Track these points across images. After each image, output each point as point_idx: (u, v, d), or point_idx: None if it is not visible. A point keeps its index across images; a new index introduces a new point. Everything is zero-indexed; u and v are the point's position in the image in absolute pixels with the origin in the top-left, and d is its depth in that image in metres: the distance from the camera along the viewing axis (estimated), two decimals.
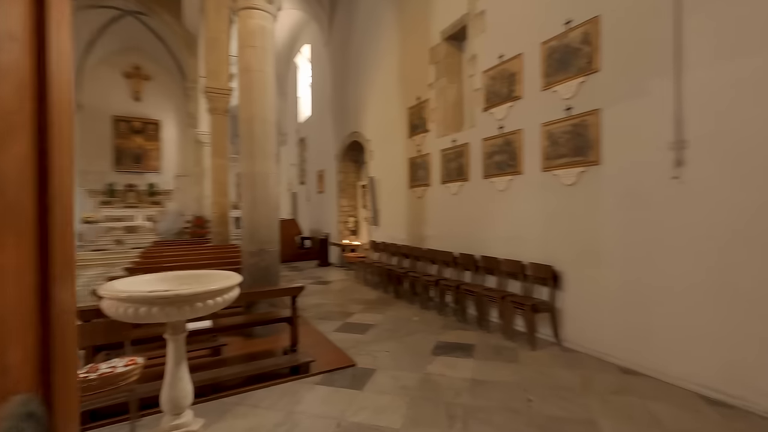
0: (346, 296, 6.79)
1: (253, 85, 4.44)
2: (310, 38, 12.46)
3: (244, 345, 4.24)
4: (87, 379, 2.35)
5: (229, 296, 2.02)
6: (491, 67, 5.23)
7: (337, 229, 10.35)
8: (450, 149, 6.07)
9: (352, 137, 9.50)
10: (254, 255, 4.48)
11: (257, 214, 4.49)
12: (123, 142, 18.16)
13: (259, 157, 4.47)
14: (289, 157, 15.31)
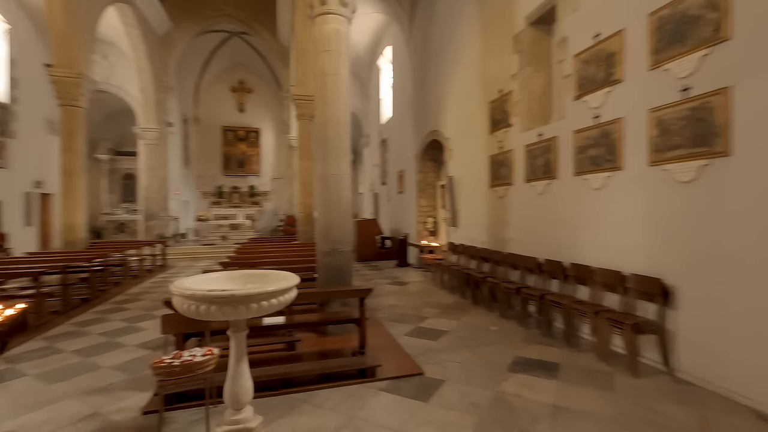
0: (422, 299, 6.63)
1: (328, 89, 4.54)
2: (392, 39, 12.55)
3: (317, 342, 4.35)
4: (171, 365, 2.58)
5: (285, 298, 2.02)
6: (585, 49, 4.60)
7: (416, 230, 10.23)
8: (536, 144, 5.52)
9: (432, 136, 9.30)
10: (327, 255, 4.59)
11: (331, 215, 4.58)
12: (230, 149, 20.48)
13: (333, 159, 4.56)
14: (372, 158, 15.66)
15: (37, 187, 12.09)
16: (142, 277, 9.01)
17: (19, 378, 3.57)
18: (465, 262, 7.40)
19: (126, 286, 7.86)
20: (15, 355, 4.14)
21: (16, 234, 10.77)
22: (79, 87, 8.78)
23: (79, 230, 8.89)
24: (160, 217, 14.30)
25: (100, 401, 3.09)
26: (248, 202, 18.37)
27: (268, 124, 21.08)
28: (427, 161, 10.00)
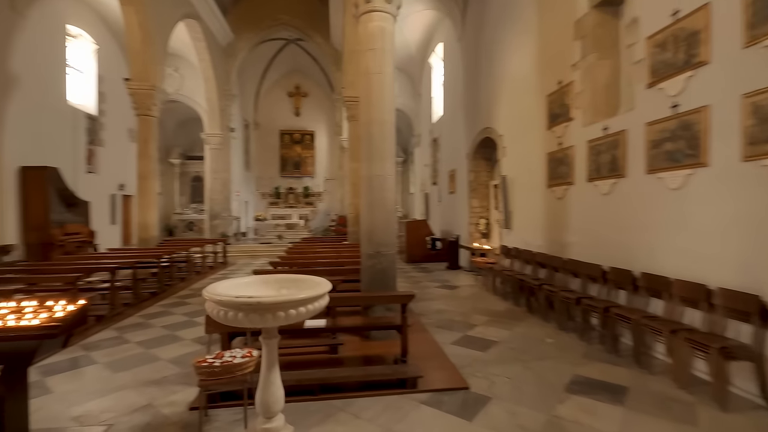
0: (472, 305, 6.32)
1: (372, 88, 4.45)
2: (444, 36, 12.24)
3: (360, 346, 4.28)
4: (212, 365, 2.63)
5: (314, 306, 1.94)
6: (660, 29, 4.05)
7: (468, 232, 9.86)
8: (600, 139, 4.99)
9: (484, 134, 8.88)
10: (371, 257, 4.50)
11: (374, 216, 4.49)
12: (286, 152, 21.36)
13: (377, 159, 4.46)
14: (423, 158, 15.43)
15: (120, 190, 13.48)
16: (205, 273, 9.63)
17: (91, 365, 3.91)
18: (519, 267, 6.95)
19: (190, 282, 8.44)
20: (91, 343, 4.57)
21: (102, 231, 12.07)
22: (152, 98, 9.59)
23: (151, 228, 9.72)
24: (222, 217, 15.28)
25: (155, 393, 3.27)
26: (303, 203, 19.02)
27: (322, 126, 21.68)
28: (479, 160, 9.59)
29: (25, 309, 2.46)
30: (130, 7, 8.98)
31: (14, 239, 9.20)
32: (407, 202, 20.50)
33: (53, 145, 10.37)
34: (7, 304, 2.50)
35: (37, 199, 9.47)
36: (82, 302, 2.57)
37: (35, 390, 3.32)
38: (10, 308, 2.47)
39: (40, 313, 2.42)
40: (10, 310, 2.45)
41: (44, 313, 2.42)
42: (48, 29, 10.32)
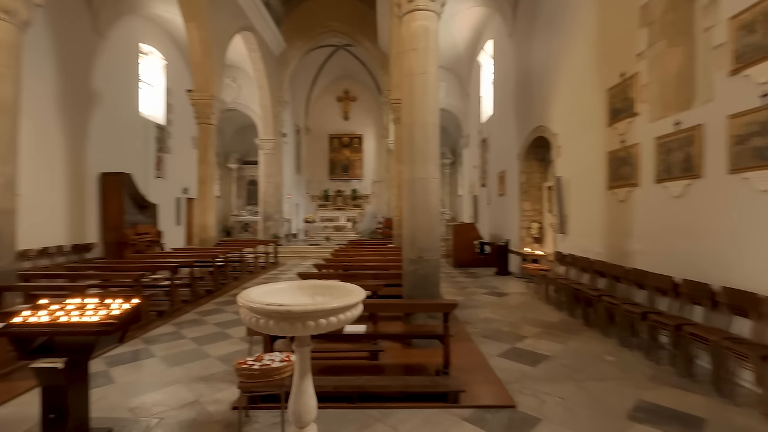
0: (522, 314, 5.96)
1: (415, 89, 4.35)
2: (493, 33, 11.80)
3: (402, 354, 4.17)
4: (251, 367, 2.67)
5: (346, 316, 1.87)
6: (746, 8, 3.52)
7: (519, 236, 9.38)
8: (671, 135, 4.47)
9: (537, 132, 8.40)
10: (413, 262, 4.38)
11: (417, 220, 4.37)
12: (335, 155, 21.84)
13: (420, 162, 4.34)
14: (472, 159, 15.00)
15: (184, 193, 14.54)
16: (257, 272, 10.06)
17: (149, 358, 4.19)
18: (575, 275, 6.45)
19: (242, 281, 8.85)
20: (152, 337, 4.91)
21: (168, 232, 13.08)
22: (211, 107, 10.23)
23: (210, 230, 10.35)
24: (275, 219, 15.93)
25: (202, 390, 3.40)
26: (351, 205, 19.31)
27: (370, 129, 21.92)
28: (531, 160, 9.09)
29: (88, 306, 2.67)
30: (192, 23, 9.65)
31: (95, 238, 10.23)
32: (455, 204, 20.07)
33: (127, 153, 11.42)
34: (73, 301, 2.73)
35: (113, 202, 10.47)
36: (136, 301, 2.73)
37: (101, 379, 3.61)
38: (76, 304, 2.68)
39: (100, 310, 2.61)
40: (76, 306, 2.67)
41: (103, 311, 2.60)
42: (124, 48, 11.40)
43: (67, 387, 2.44)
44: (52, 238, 8.84)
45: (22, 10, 4.74)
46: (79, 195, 9.71)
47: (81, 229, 9.78)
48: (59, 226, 9.14)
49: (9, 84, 4.69)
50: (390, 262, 6.66)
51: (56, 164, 9.06)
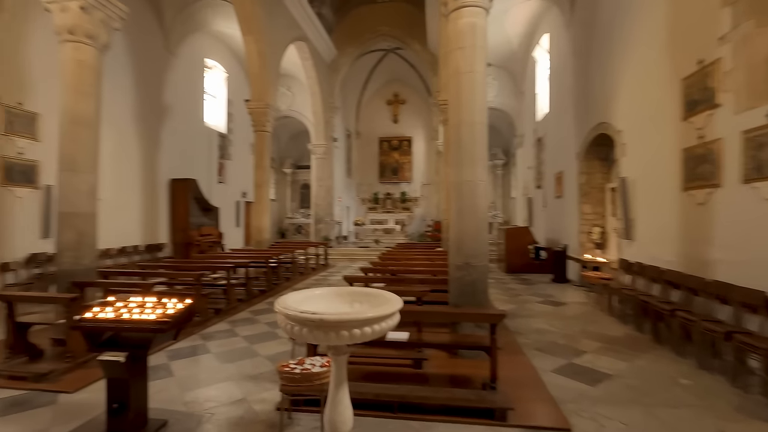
0: (581, 326, 5.52)
1: (462, 88, 4.19)
2: (549, 26, 11.18)
3: (447, 363, 4.03)
4: (293, 371, 2.70)
5: (381, 327, 1.81)
6: None
7: (578, 241, 8.74)
8: (761, 129, 3.89)
9: (598, 130, 7.78)
10: (460, 269, 4.22)
11: (464, 224, 4.20)
12: (385, 158, 21.99)
13: (467, 164, 4.18)
14: (526, 160, 14.32)
15: (243, 197, 15.42)
16: (307, 274, 10.37)
17: (205, 354, 4.44)
18: (643, 285, 5.85)
19: (294, 281, 9.15)
20: (209, 333, 5.21)
21: (229, 233, 13.94)
22: (266, 115, 10.74)
23: (264, 232, 10.85)
24: (326, 222, 16.36)
25: (250, 388, 3.52)
26: (400, 208, 19.30)
27: (419, 132, 21.80)
28: (592, 160, 8.44)
29: (147, 304, 2.87)
30: (250, 36, 10.22)
31: (165, 239, 11.17)
32: (508, 207, 19.28)
33: (193, 160, 12.35)
34: (136, 299, 2.95)
35: (181, 206, 11.36)
36: (189, 302, 2.89)
37: (162, 372, 3.87)
38: (137, 303, 2.89)
39: (157, 309, 2.79)
40: (137, 304, 2.88)
41: (160, 309, 2.78)
42: (191, 64, 12.36)
43: (128, 380, 2.63)
44: (129, 239, 9.78)
45: (102, 35, 5.29)
46: (152, 199, 10.66)
47: (154, 231, 10.72)
48: (135, 228, 10.09)
49: (92, 101, 5.24)
50: (438, 267, 6.50)
51: (133, 171, 10.03)
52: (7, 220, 6.91)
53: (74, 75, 5.06)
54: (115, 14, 5.42)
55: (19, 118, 7.11)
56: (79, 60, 5.08)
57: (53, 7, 4.97)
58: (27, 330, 4.21)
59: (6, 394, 3.44)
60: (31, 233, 7.18)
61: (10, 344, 4.05)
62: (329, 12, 15.46)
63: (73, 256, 5.03)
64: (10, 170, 6.95)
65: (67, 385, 3.53)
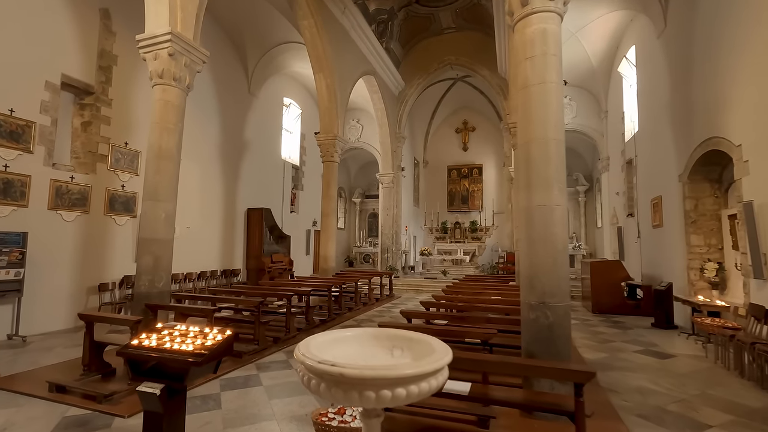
0: (699, 388, 4.36)
1: (532, 102, 3.71)
2: (636, 37, 10.12)
3: (519, 423, 3.34)
4: (328, 423, 2.34)
5: (419, 389, 1.39)
6: None
7: (685, 279, 7.30)
8: None
9: (707, 146, 6.56)
10: (533, 309, 3.57)
11: (536, 256, 3.59)
12: (454, 186, 21.46)
13: (540, 186, 3.62)
14: (614, 185, 12.79)
15: (313, 226, 15.94)
16: (371, 304, 10.08)
17: (256, 386, 4.28)
18: None
19: (356, 312, 8.91)
20: (265, 363, 5.10)
21: (299, 261, 14.38)
22: (334, 146, 11.07)
23: (330, 260, 10.91)
24: (392, 251, 16.14)
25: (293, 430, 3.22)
26: (470, 238, 18.40)
27: (489, 159, 21.02)
28: (700, 182, 7.13)
29: (189, 333, 2.79)
30: (320, 73, 10.78)
31: (240, 265, 11.80)
32: (593, 237, 17.33)
33: (268, 191, 13.12)
34: (181, 327, 2.89)
35: (256, 234, 11.99)
36: (228, 333, 2.75)
37: (211, 402, 3.77)
38: (181, 331, 2.83)
39: (197, 340, 2.68)
40: (180, 333, 2.81)
41: (200, 340, 2.67)
42: (270, 103, 13.41)
43: (163, 415, 2.50)
44: (208, 264, 10.47)
45: (186, 77, 5.82)
46: (230, 227, 11.42)
47: (230, 257, 11.40)
48: (215, 254, 10.81)
49: (174, 137, 5.72)
50: (510, 305, 5.78)
51: (215, 201, 10.87)
52: (109, 245, 7.78)
53: (161, 113, 5.59)
54: (198, 58, 5.96)
55: (124, 156, 8.13)
56: (166, 100, 5.61)
57: (148, 56, 5.61)
58: (103, 349, 4.47)
59: (74, 412, 3.57)
60: (126, 257, 7.98)
61: (85, 362, 4.30)
62: (397, 46, 15.93)
63: (149, 280, 5.35)
64: (113, 201, 7.88)
65: (124, 409, 3.57)
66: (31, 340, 6.10)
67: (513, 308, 5.49)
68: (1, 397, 3.87)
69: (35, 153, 6.56)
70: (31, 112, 6.52)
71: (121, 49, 7.96)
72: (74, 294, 7.12)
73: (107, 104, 7.77)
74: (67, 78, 7.08)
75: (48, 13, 6.78)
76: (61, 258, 6.92)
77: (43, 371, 4.61)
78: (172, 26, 5.54)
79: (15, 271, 6.07)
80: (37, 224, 6.51)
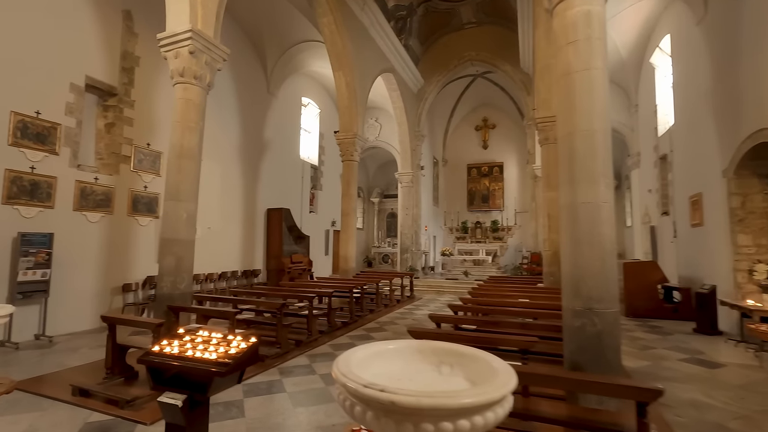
0: (759, 402, 3.97)
1: (575, 90, 3.42)
2: (671, 25, 9.57)
3: None
4: None
5: (486, 419, 1.16)
6: None
7: (731, 281, 6.79)
8: None
9: (758, 138, 6.07)
10: (578, 315, 3.28)
11: (582, 258, 3.30)
12: (474, 185, 21.03)
13: (584, 182, 3.32)
14: (645, 182, 12.20)
15: (332, 226, 15.84)
16: (392, 306, 9.86)
17: (280, 393, 4.12)
18: None
19: (378, 314, 8.70)
20: (287, 368, 4.94)
21: (318, 261, 14.29)
22: (354, 145, 10.90)
23: (350, 260, 10.75)
24: (412, 251, 15.88)
25: None
26: (491, 238, 17.97)
27: (511, 156, 20.51)
28: (748, 177, 6.62)
29: (212, 340, 2.63)
30: (340, 71, 10.63)
31: (260, 265, 11.77)
32: (622, 237, 16.64)
33: (287, 191, 13.07)
34: (203, 333, 2.74)
35: (275, 234, 11.94)
36: (253, 340, 2.58)
37: (234, 410, 3.62)
38: (204, 338, 2.68)
39: (220, 347, 2.52)
40: (203, 339, 2.66)
41: (223, 348, 2.50)
42: (289, 103, 13.35)
43: (185, 428, 2.34)
44: (229, 264, 10.45)
45: (207, 76, 5.73)
46: (250, 227, 11.39)
47: (251, 257, 11.38)
48: (235, 254, 10.79)
49: (195, 136, 5.64)
50: (542, 308, 5.47)
51: (236, 201, 10.86)
52: (132, 246, 7.81)
53: (182, 112, 5.51)
54: (218, 56, 5.87)
55: (146, 157, 8.15)
56: (187, 99, 5.53)
57: (169, 54, 5.55)
58: (126, 352, 4.39)
59: (96, 417, 3.48)
60: (149, 258, 8.00)
61: (108, 365, 4.23)
62: (416, 42, 15.67)
63: (171, 281, 5.28)
64: (136, 202, 7.91)
65: (146, 416, 3.45)
66: (58, 341, 6.13)
67: (546, 311, 5.19)
68: (27, 401, 3.82)
69: (61, 154, 6.61)
70: (57, 114, 6.57)
71: (143, 50, 7.98)
72: (99, 294, 7.16)
73: (130, 105, 7.81)
74: (91, 80, 7.13)
75: (72, 16, 6.82)
76: (86, 259, 6.96)
77: (67, 373, 4.57)
78: (192, 24, 5.45)
79: (42, 271, 6.11)
80: (62, 225, 6.55)
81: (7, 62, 5.92)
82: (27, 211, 6.13)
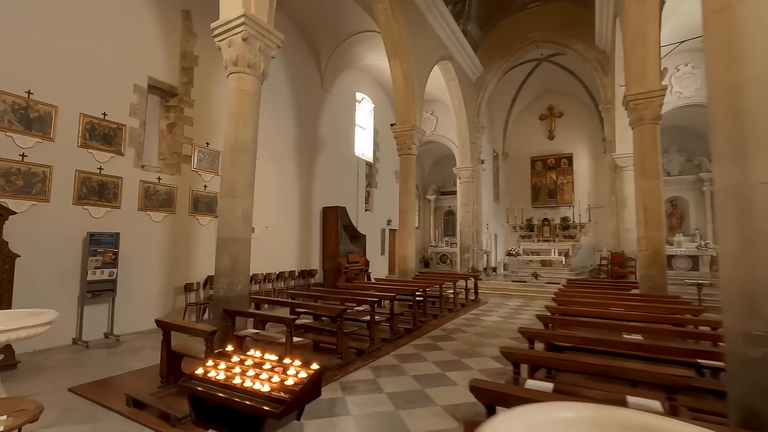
0: None
1: (743, 26, 2.45)
2: None
3: None
4: None
5: None
6: None
7: None
8: None
9: None
10: (754, 343, 2.31)
11: (756, 260, 2.33)
12: (538, 180, 19.42)
13: (762, 153, 2.35)
14: None
15: (388, 225, 15.31)
16: (457, 311, 9.05)
17: (343, 416, 3.56)
18: None
19: (442, 320, 7.95)
20: (350, 383, 4.39)
21: (374, 261, 13.82)
22: (412, 137, 10.23)
23: (410, 260, 10.09)
24: (473, 250, 14.87)
25: None
26: (561, 236, 16.34)
27: (581, 147, 18.62)
28: None
29: (264, 365, 2.10)
30: (396, 60, 10.01)
31: (317, 265, 11.52)
32: None
33: (343, 188, 12.72)
34: (254, 354, 2.23)
35: (331, 233, 11.63)
36: (315, 367, 2.01)
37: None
38: (255, 359, 2.16)
39: (275, 373, 1.98)
40: (254, 362, 2.14)
41: (277, 376, 1.96)
42: (343, 99, 13.01)
43: None
44: (287, 264, 10.28)
45: (261, 64, 5.38)
46: (307, 226, 11.17)
47: (307, 257, 11.16)
48: (292, 254, 10.61)
49: (250, 128, 5.31)
50: (651, 322, 4.42)
51: (292, 200, 10.68)
52: (193, 246, 7.79)
53: (236, 104, 5.20)
54: (272, 42, 5.50)
55: (206, 156, 8.12)
56: (241, 89, 5.21)
57: (222, 44, 5.27)
58: (181, 360, 4.10)
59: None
60: (209, 257, 7.93)
61: (163, 373, 3.96)
62: (475, 27, 14.63)
63: (227, 283, 4.97)
64: (197, 201, 7.89)
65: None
66: (124, 340, 6.15)
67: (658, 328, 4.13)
68: (83, 409, 3.63)
69: (126, 155, 6.68)
70: (122, 115, 6.64)
71: (202, 50, 7.96)
72: (163, 294, 7.19)
73: (190, 105, 7.80)
74: (153, 80, 7.17)
75: (134, 17, 6.88)
76: (150, 258, 7.00)
77: (125, 378, 4.40)
78: (246, 8, 5.12)
79: (109, 271, 6.17)
80: (128, 225, 6.61)
81: (75, 64, 6.03)
82: (96, 212, 6.23)
